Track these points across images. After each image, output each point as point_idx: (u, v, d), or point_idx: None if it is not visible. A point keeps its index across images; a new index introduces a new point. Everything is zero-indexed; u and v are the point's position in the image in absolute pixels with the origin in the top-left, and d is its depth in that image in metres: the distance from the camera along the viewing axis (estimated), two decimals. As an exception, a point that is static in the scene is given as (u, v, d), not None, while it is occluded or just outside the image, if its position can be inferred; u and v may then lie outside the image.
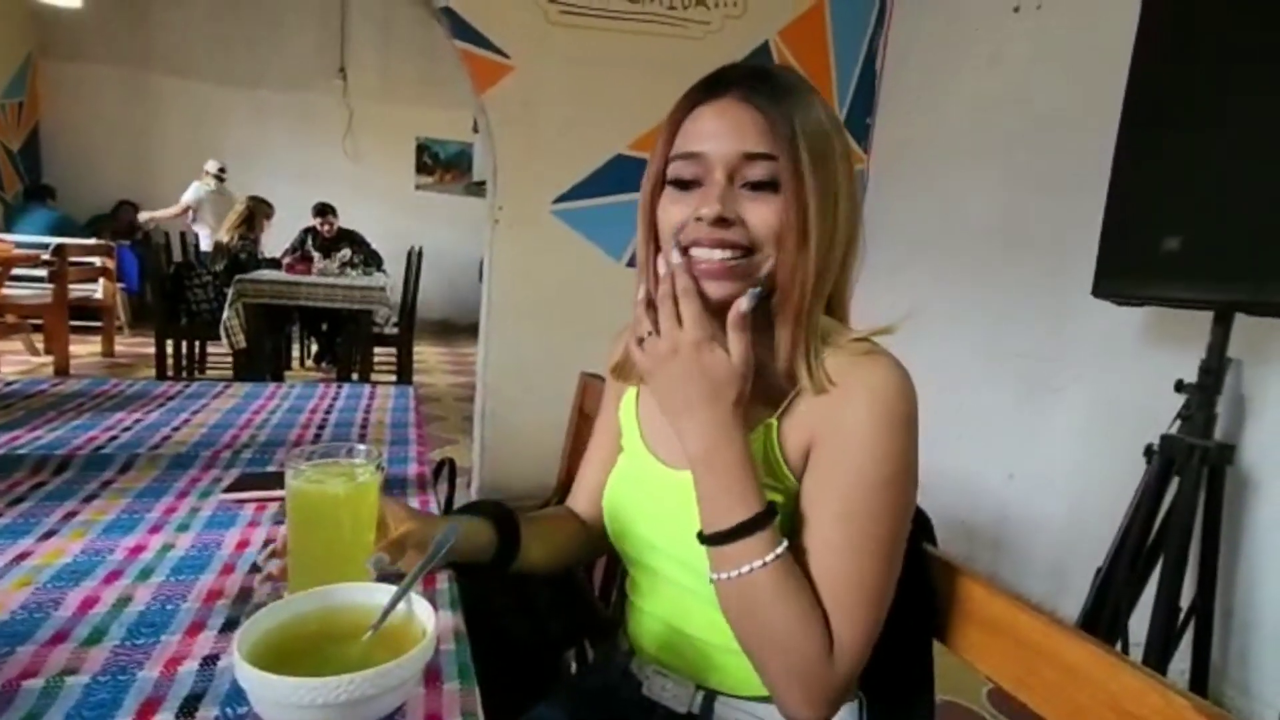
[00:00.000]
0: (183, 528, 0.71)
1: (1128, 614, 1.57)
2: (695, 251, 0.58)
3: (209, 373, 4.19)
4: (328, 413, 1.20)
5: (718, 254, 0.57)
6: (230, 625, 0.54)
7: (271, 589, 0.59)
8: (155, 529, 0.70)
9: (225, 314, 3.47)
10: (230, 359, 3.68)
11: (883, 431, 0.56)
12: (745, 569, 0.55)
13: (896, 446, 0.56)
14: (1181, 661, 1.53)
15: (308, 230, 4.70)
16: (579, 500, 0.83)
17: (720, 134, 0.58)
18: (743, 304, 0.56)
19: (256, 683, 0.42)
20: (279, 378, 4.09)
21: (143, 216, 5.87)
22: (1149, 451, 1.58)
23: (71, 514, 0.73)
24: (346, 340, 4.22)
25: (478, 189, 6.39)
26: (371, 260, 4.60)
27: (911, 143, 2.80)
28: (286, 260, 4.19)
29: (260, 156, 6.60)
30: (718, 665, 0.66)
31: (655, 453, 0.69)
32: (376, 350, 4.25)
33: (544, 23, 2.58)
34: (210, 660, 0.50)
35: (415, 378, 4.44)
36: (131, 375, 3.95)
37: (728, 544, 0.56)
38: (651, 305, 0.59)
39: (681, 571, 0.65)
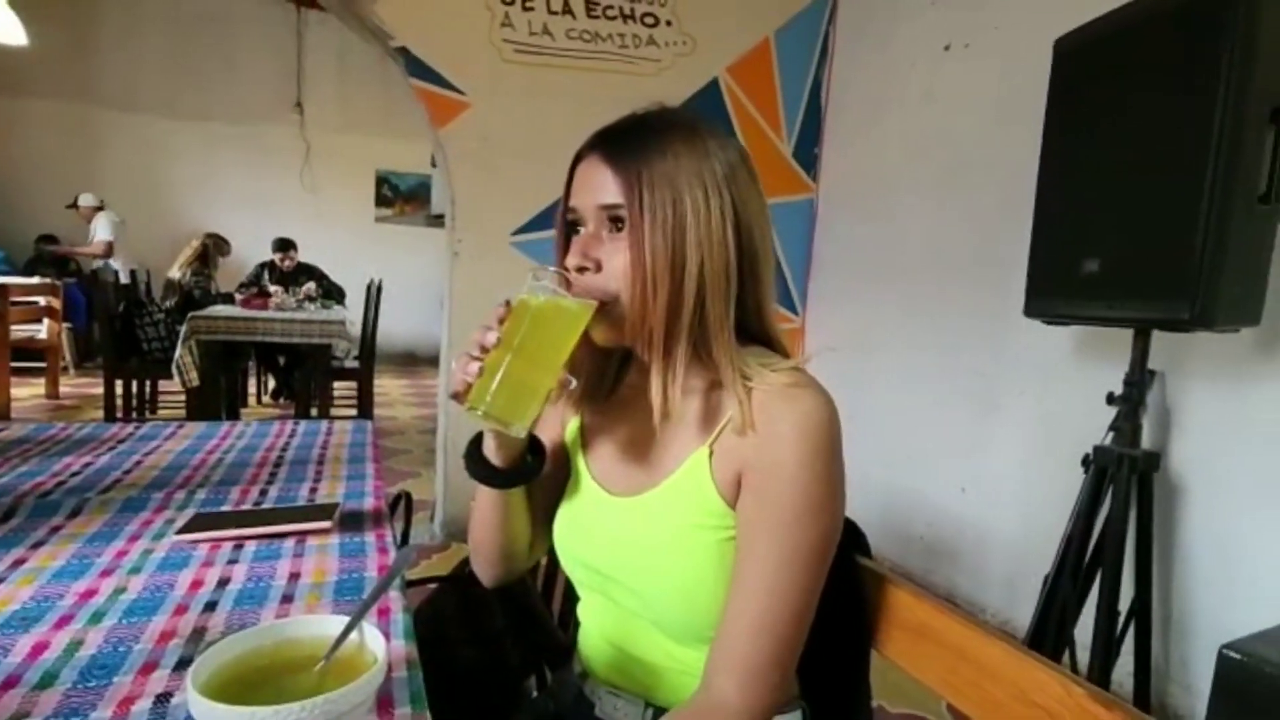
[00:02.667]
0: (135, 570, 0.72)
1: (1073, 621, 1.64)
2: None
3: (161, 412, 4.08)
4: (284, 449, 1.20)
5: None
6: (184, 664, 0.55)
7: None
8: (106, 573, 0.71)
9: (178, 351, 3.40)
10: (183, 398, 3.60)
11: (809, 463, 0.60)
12: None
13: (823, 475, 0.60)
14: (1126, 663, 1.60)
15: (264, 265, 4.65)
16: None
17: (584, 190, 0.65)
18: None
19: (208, 714, 0.43)
20: (235, 415, 4.01)
21: (60, 250, 5.66)
22: (1086, 462, 1.66)
23: (19, 561, 0.72)
24: (305, 375, 4.16)
25: (438, 221, 6.40)
26: (333, 293, 4.57)
27: (856, 173, 2.93)
28: (241, 296, 4.13)
29: (214, 190, 6.53)
30: (665, 684, 0.69)
31: (601, 483, 0.72)
32: (336, 384, 4.21)
33: (499, 61, 2.64)
34: (163, 698, 0.51)
35: (377, 411, 4.39)
36: (77, 417, 3.84)
37: None
38: None
39: (629, 597, 0.68)
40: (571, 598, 0.97)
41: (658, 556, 0.65)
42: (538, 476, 0.72)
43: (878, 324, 2.70)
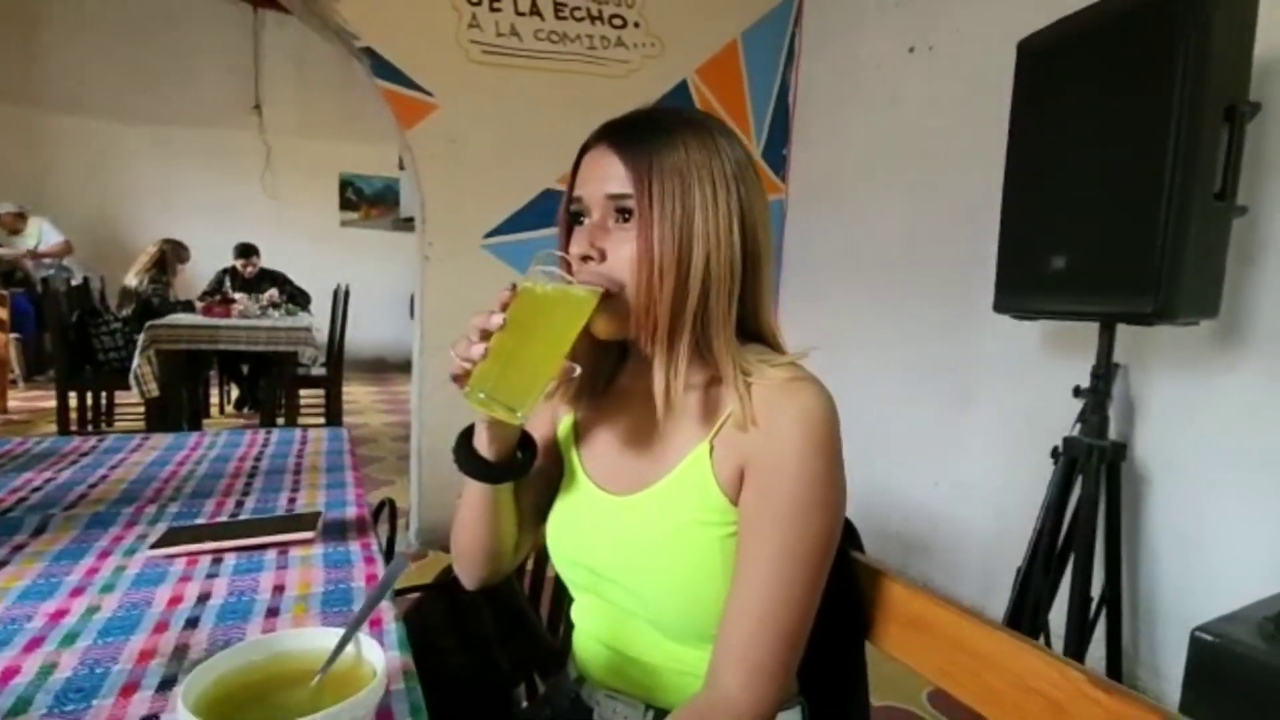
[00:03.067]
0: (108, 588, 0.69)
1: (1047, 608, 1.68)
2: None
3: (118, 424, 3.94)
4: (258, 460, 1.16)
5: None
6: (168, 683, 0.53)
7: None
8: (77, 591, 0.68)
9: (136, 361, 3.29)
10: (142, 409, 3.48)
11: (811, 457, 0.60)
12: None
13: (825, 470, 0.60)
14: (1099, 649, 1.64)
15: (225, 271, 4.53)
16: None
17: (591, 179, 0.65)
18: None
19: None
20: (197, 426, 3.89)
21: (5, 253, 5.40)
22: (1055, 453, 1.71)
23: (-19, 582, 0.69)
24: (270, 384, 4.06)
25: (406, 225, 6.29)
26: (298, 299, 4.47)
27: (825, 173, 2.96)
28: (202, 304, 4.01)
29: (171, 196, 6.33)
30: (665, 685, 0.68)
31: (597, 481, 0.71)
32: (303, 392, 4.12)
33: (466, 62, 2.61)
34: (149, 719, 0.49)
35: (347, 419, 4.30)
36: (28, 433, 3.69)
37: None
38: None
39: (626, 597, 0.67)
40: (563, 600, 0.96)
41: (658, 554, 0.64)
42: (529, 472, 0.71)
43: (849, 322, 2.74)
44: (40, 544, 0.78)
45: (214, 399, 4.71)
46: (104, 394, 3.79)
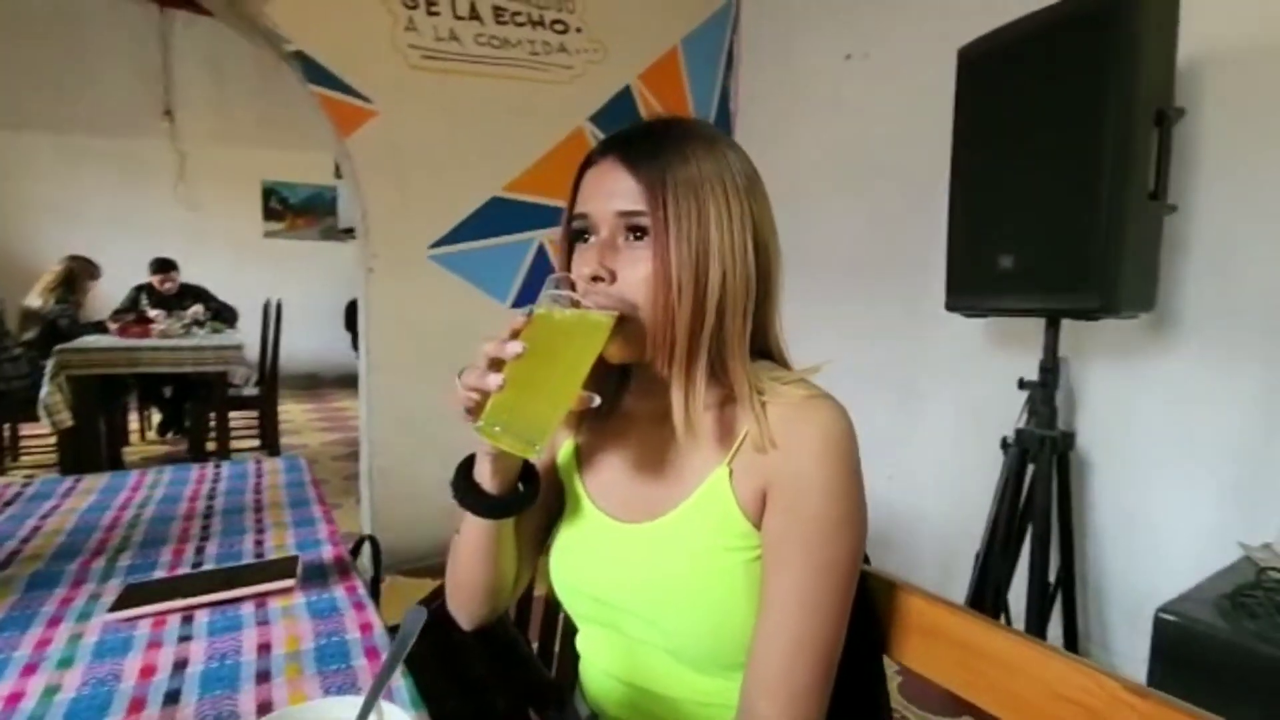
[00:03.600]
0: (65, 663, 0.61)
1: (1006, 589, 1.74)
2: None
3: (25, 459, 3.63)
4: (211, 498, 1.08)
5: None
6: (158, 772, 0.47)
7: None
8: (29, 669, 0.60)
9: (45, 389, 3.03)
10: (53, 441, 3.21)
11: (834, 476, 0.59)
12: None
13: (849, 487, 0.60)
14: (1055, 630, 1.71)
15: (140, 288, 4.23)
16: None
17: (598, 195, 0.62)
18: None
19: None
20: (117, 457, 3.62)
21: None
22: (1004, 444, 1.77)
23: (-90, 667, 0.60)
24: (198, 407, 3.81)
25: (337, 234, 6.00)
26: (224, 315, 4.22)
27: (770, 179, 2.90)
28: (116, 325, 3.73)
29: (76, 209, 5.87)
30: (685, 717, 0.66)
31: (605, 510, 0.69)
32: (234, 415, 3.89)
33: (405, 67, 2.52)
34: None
35: (284, 439, 4.09)
36: (-78, 473, 3.36)
37: None
38: None
39: (643, 628, 0.65)
40: (553, 627, 0.93)
41: (680, 583, 0.62)
42: (533, 504, 0.68)
43: (799, 325, 2.76)
44: (-25, 614, 0.69)
45: (134, 425, 4.39)
46: (6, 427, 3.48)
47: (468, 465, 0.66)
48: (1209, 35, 1.56)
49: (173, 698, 0.56)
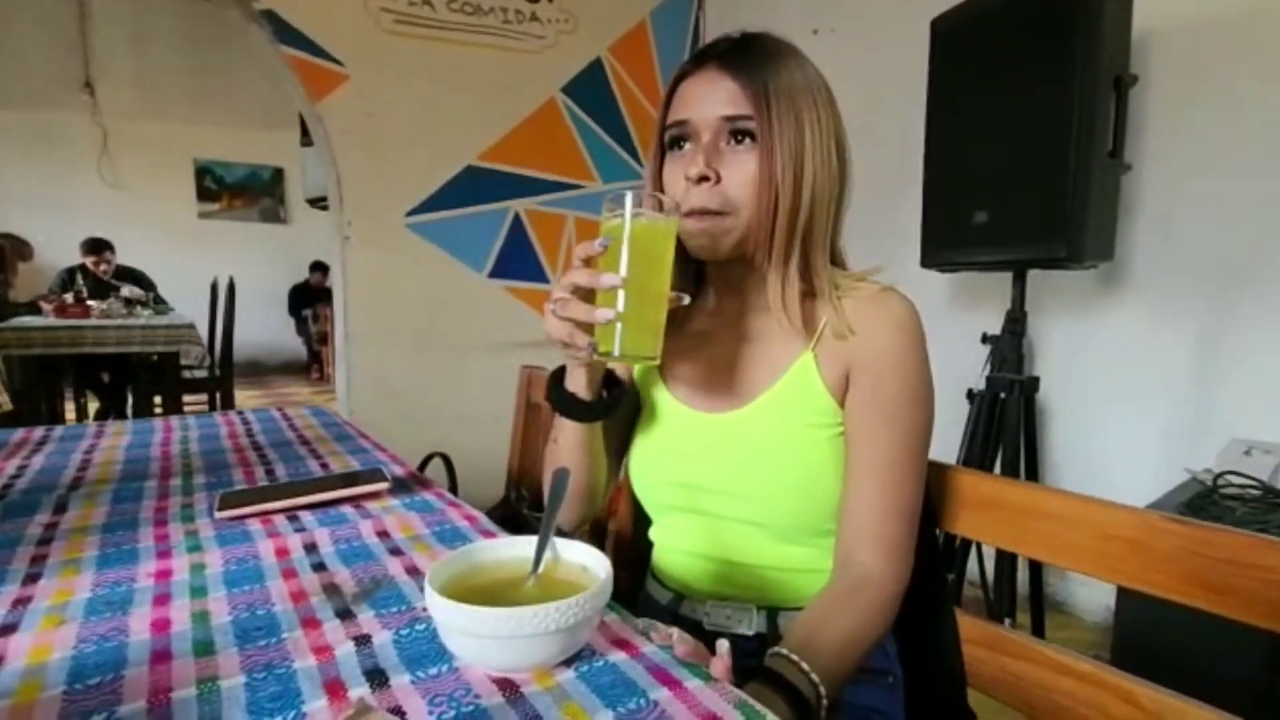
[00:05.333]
0: (195, 548, 0.62)
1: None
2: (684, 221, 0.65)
3: (-48, 449, 3.38)
4: (251, 436, 1.07)
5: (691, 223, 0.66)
6: (342, 614, 0.50)
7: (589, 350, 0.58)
8: (164, 554, 0.61)
9: (-19, 372, 2.85)
10: (-9, 426, 3.01)
11: (909, 356, 0.67)
12: None
13: (921, 366, 0.67)
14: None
15: (73, 270, 3.99)
16: None
17: (701, 100, 0.67)
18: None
19: (459, 616, 0.42)
20: (58, 443, 3.42)
21: None
22: (970, 395, 1.91)
23: (40, 556, 0.60)
24: (143, 390, 3.64)
25: (314, 204, 5.57)
26: (162, 301, 4.02)
27: None
28: (51, 306, 3.52)
29: (-10, 186, 5.48)
30: (771, 583, 0.72)
31: (690, 404, 0.74)
32: (186, 398, 3.73)
33: (377, 31, 2.48)
34: (363, 640, 0.46)
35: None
36: None
37: None
38: None
39: (734, 505, 0.71)
40: (639, 529, 0.96)
41: (772, 459, 0.68)
42: (624, 403, 0.73)
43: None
44: (74, 520, 0.69)
45: (70, 413, 4.14)
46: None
47: (559, 377, 0.70)
48: (1159, 8, 1.72)
49: (319, 567, 0.59)
